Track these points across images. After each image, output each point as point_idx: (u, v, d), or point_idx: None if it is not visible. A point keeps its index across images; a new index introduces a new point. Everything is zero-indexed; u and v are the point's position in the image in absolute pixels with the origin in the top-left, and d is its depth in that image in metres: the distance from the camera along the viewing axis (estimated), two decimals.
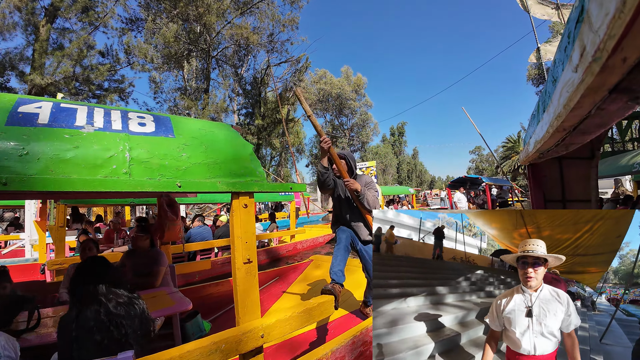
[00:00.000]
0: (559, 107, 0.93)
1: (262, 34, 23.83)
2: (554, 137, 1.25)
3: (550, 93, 1.12)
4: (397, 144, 54.05)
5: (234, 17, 22.00)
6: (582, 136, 1.16)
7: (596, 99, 0.74)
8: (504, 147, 35.09)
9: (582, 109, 0.84)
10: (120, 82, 18.30)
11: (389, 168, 46.84)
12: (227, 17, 21.48)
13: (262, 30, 23.81)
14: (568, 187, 2.38)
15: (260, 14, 23.36)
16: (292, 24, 24.50)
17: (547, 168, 2.40)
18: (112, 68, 17.48)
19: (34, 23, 14.46)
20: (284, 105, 28.83)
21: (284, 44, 25.62)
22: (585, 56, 0.61)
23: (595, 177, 2.15)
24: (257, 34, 23.06)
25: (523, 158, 2.31)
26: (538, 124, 1.49)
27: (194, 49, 22.03)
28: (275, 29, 24.55)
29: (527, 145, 2.09)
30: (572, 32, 0.74)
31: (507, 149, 33.84)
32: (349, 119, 41.58)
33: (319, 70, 38.87)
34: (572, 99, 0.78)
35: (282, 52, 26.17)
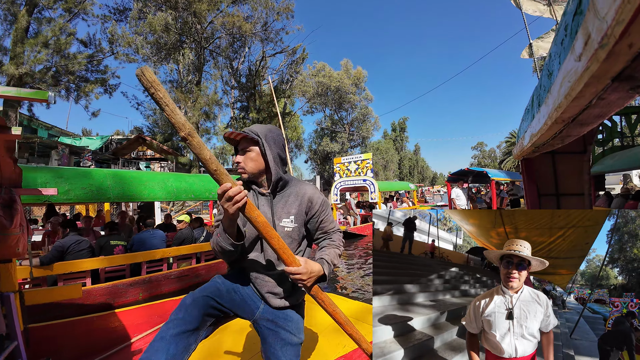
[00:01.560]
0: (559, 98, 0.97)
1: (256, 22, 23.72)
2: (551, 129, 1.31)
3: (546, 87, 1.20)
4: (398, 140, 54.17)
5: (226, 6, 21.85)
6: (580, 127, 1.22)
7: (599, 87, 0.77)
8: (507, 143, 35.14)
9: (584, 99, 0.88)
10: (103, 72, 18.00)
11: (390, 164, 46.92)
12: (220, 5, 21.31)
13: (255, 19, 23.69)
14: (561, 181, 2.50)
15: (254, 2, 23.21)
16: (287, 11, 24.43)
17: (540, 163, 2.54)
18: (92, 57, 17.23)
19: (13, 12, 14.33)
20: (280, 99, 28.77)
21: (278, 33, 25.58)
22: (590, 44, 0.64)
23: (588, 171, 2.25)
24: (250, 23, 22.92)
25: (517, 153, 2.41)
26: (534, 118, 1.54)
27: (186, 40, 21.91)
28: (269, 17, 24.46)
29: (522, 140, 2.18)
30: (569, 25, 0.79)
31: (511, 144, 33.88)
32: (348, 113, 41.56)
33: (318, 63, 38.77)
34: (575, 88, 0.82)
35: (277, 42, 26.11)
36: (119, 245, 4.98)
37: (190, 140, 1.14)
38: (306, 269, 1.33)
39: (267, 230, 1.29)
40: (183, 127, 1.11)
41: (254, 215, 1.27)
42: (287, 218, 1.53)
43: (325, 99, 39.23)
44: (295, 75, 29.71)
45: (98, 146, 22.35)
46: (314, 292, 1.39)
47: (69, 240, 4.45)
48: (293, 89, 31.43)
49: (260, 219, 1.28)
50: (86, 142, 22.01)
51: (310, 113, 40.57)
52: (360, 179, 12.35)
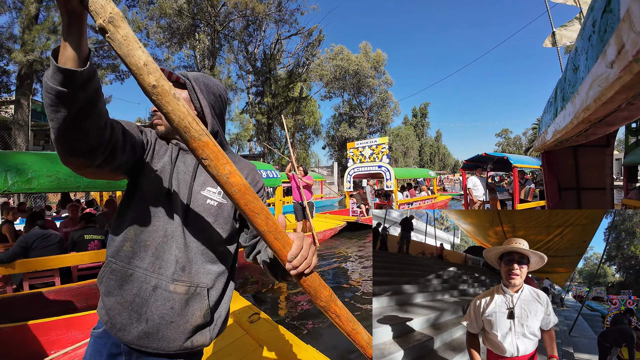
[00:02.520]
0: (588, 100, 0.97)
1: (270, 3, 23.53)
2: (577, 128, 1.32)
3: (572, 81, 1.19)
4: (419, 126, 53.37)
5: None
6: (606, 127, 1.24)
7: (629, 95, 0.78)
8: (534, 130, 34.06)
9: (613, 104, 0.88)
10: (115, 58, 18.33)
11: (411, 151, 46.40)
12: None
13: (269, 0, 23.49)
14: (583, 174, 2.47)
15: None
16: None
17: (562, 156, 2.53)
18: (102, 43, 17.54)
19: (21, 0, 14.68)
20: (296, 82, 28.68)
21: (293, 14, 25.39)
22: (624, 54, 0.64)
23: (610, 165, 2.24)
24: (264, 3, 22.76)
25: (539, 145, 2.38)
26: (559, 114, 1.53)
27: (201, 23, 22.01)
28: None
29: (544, 134, 2.16)
30: (597, 22, 0.78)
31: None
32: (367, 98, 41.19)
33: (336, 46, 38.31)
34: (605, 94, 0.82)
35: (291, 23, 25.89)
36: (94, 239, 4.46)
37: (112, 31, 0.69)
38: (300, 240, 0.88)
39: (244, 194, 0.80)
40: (101, 10, 0.68)
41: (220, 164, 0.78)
42: (213, 188, 1.14)
43: (344, 83, 38.92)
44: (312, 58, 29.48)
45: None
46: (323, 301, 0.92)
47: (33, 235, 4.05)
48: (310, 72, 31.26)
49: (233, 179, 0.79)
50: None
51: (328, 98, 40.42)
52: (375, 165, 11.50)
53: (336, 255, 7.63)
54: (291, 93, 28.87)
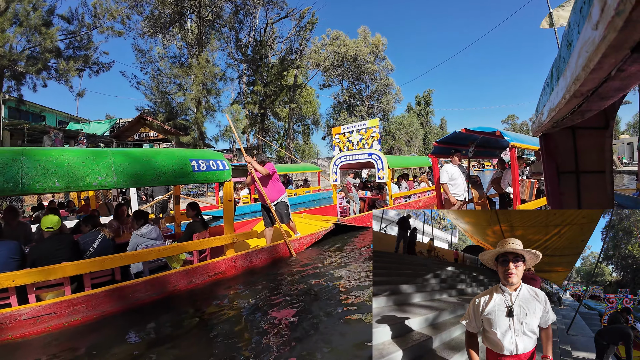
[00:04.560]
0: (577, 70, 0.98)
1: None
2: (570, 103, 1.33)
3: (566, 58, 1.19)
4: (423, 114, 53.17)
5: None
6: (599, 102, 1.24)
7: (617, 58, 0.79)
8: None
9: (602, 71, 0.89)
10: (86, 48, 17.65)
11: (415, 139, 46.30)
12: None
13: None
14: (582, 157, 2.51)
15: None
16: None
17: (560, 139, 2.54)
18: (74, 33, 17.07)
19: None
20: (290, 69, 28.50)
21: None
22: (606, 11, 0.65)
23: (610, 147, 2.27)
24: None
25: (536, 128, 2.41)
26: (552, 92, 1.54)
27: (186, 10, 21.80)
28: None
29: (540, 115, 2.20)
30: None
31: None
32: (367, 85, 41.02)
33: (332, 31, 38.02)
34: (592, 59, 0.83)
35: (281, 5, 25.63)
36: None
37: None
38: None
39: None
40: None
41: None
42: None
43: (342, 70, 38.79)
44: (306, 43, 29.31)
45: (105, 130, 22.89)
46: None
47: None
48: (304, 59, 31.07)
49: None
50: (96, 127, 22.58)
51: (326, 87, 40.23)
52: (365, 153, 9.79)
53: (319, 271, 5.30)
54: (285, 81, 28.74)
